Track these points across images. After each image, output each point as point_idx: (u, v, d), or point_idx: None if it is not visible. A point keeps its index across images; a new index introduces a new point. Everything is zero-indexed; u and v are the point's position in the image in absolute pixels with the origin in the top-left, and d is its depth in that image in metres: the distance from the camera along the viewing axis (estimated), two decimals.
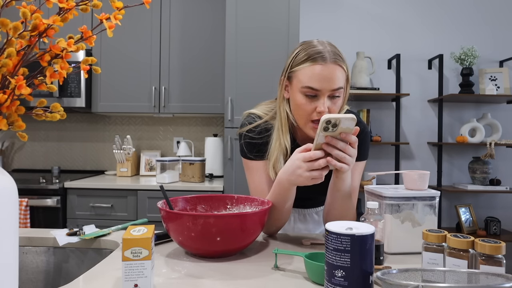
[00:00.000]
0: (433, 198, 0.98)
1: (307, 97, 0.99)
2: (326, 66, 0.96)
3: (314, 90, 0.97)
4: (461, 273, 0.68)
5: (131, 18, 2.61)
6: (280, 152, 1.07)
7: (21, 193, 2.26)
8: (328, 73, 0.96)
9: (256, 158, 1.13)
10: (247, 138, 1.13)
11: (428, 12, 2.89)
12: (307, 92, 0.98)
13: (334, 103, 0.99)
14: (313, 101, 0.98)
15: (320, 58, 0.96)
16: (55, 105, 0.66)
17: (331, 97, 0.98)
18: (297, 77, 1.00)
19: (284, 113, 1.07)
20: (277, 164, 1.07)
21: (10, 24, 0.56)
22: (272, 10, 2.28)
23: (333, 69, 0.96)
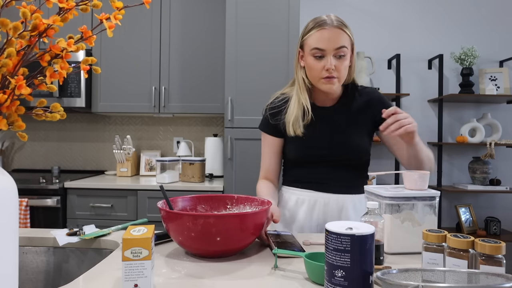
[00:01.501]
0: (433, 198, 0.98)
1: (316, 58, 1.15)
2: (329, 30, 1.13)
3: (320, 51, 1.14)
4: (461, 273, 0.68)
5: (131, 18, 2.61)
6: (300, 110, 1.22)
7: (21, 193, 2.26)
8: (331, 34, 1.13)
9: (270, 132, 1.30)
10: (268, 111, 1.30)
11: (428, 12, 2.89)
12: (315, 53, 1.15)
13: (341, 63, 1.15)
14: (321, 61, 1.15)
15: (324, 23, 1.14)
16: (55, 105, 0.66)
17: (337, 56, 1.14)
18: (307, 43, 1.17)
19: (301, 78, 1.23)
20: (296, 123, 1.22)
21: (10, 24, 0.56)
22: (272, 9, 2.28)
23: (336, 32, 1.13)
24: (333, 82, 1.16)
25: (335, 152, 1.22)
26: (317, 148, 1.23)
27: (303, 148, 1.24)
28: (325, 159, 1.23)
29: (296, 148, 1.26)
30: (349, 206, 1.24)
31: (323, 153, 1.22)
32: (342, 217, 1.24)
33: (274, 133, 1.30)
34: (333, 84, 1.17)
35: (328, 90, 1.19)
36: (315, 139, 1.24)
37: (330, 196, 1.24)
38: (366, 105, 1.25)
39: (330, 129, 1.24)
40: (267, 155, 1.32)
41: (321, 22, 1.14)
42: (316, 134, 1.24)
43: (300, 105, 1.22)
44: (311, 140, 1.24)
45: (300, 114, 1.22)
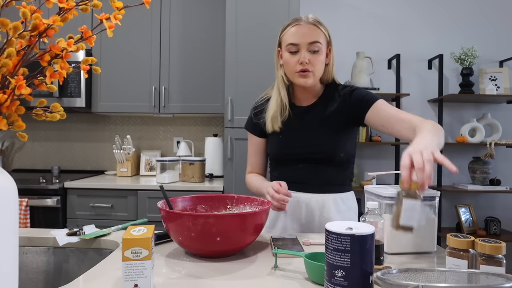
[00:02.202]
0: (433, 198, 0.98)
1: (291, 53, 1.20)
2: (303, 25, 1.19)
3: (295, 45, 1.18)
4: (461, 273, 0.68)
5: (131, 18, 2.61)
6: (278, 106, 1.26)
7: (21, 193, 2.26)
8: (305, 30, 1.18)
9: (253, 132, 1.35)
10: (252, 111, 1.36)
11: (428, 12, 2.89)
12: (290, 48, 1.19)
13: (315, 57, 1.18)
14: (296, 55, 1.19)
15: (299, 20, 1.20)
16: (55, 105, 0.66)
17: (311, 51, 1.18)
18: (284, 40, 1.22)
19: (280, 77, 1.27)
20: (274, 119, 1.26)
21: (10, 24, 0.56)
22: (272, 9, 2.28)
23: (310, 27, 1.18)
24: (307, 76, 1.19)
25: (311, 149, 1.24)
26: (294, 146, 1.25)
27: (281, 146, 1.28)
28: (303, 157, 1.24)
29: (274, 146, 1.30)
30: (331, 205, 1.25)
31: (300, 151, 1.24)
32: (323, 217, 1.24)
33: (257, 133, 1.35)
34: (307, 78, 1.20)
35: (303, 84, 1.21)
36: (292, 137, 1.26)
37: (311, 196, 1.25)
38: (344, 102, 1.25)
39: (307, 127, 1.26)
40: (252, 153, 1.38)
41: (297, 19, 1.21)
42: (293, 132, 1.26)
43: (279, 102, 1.26)
44: (289, 138, 1.26)
45: (278, 110, 1.26)
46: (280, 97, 1.26)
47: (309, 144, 1.24)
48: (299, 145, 1.25)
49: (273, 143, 1.31)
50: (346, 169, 1.29)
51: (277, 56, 1.28)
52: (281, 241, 1.04)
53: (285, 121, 1.27)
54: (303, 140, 1.24)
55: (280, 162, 1.30)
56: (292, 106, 1.29)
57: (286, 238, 1.08)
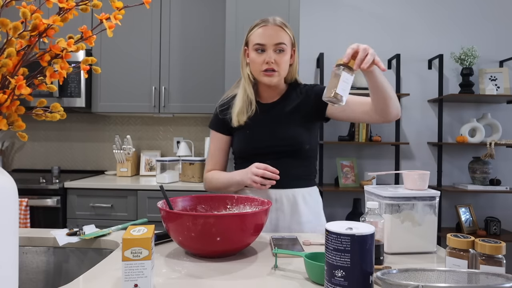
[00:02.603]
0: (433, 198, 0.98)
1: (258, 52, 1.25)
2: (270, 27, 1.24)
3: (261, 45, 1.24)
4: (461, 273, 0.68)
5: (131, 18, 2.61)
6: (244, 102, 1.30)
7: (21, 193, 2.26)
8: (271, 31, 1.24)
9: (218, 130, 1.37)
10: (218, 108, 1.38)
11: (428, 12, 2.88)
12: (257, 48, 1.25)
13: (280, 57, 1.24)
14: (262, 55, 1.24)
15: (265, 22, 1.25)
16: (55, 105, 0.66)
17: (277, 51, 1.24)
18: (251, 40, 1.27)
19: (246, 75, 1.31)
20: (241, 114, 1.29)
21: (10, 24, 0.56)
22: (272, 10, 2.27)
23: (276, 29, 1.24)
24: (273, 75, 1.25)
25: (277, 143, 1.28)
26: (259, 141, 1.29)
27: (248, 141, 1.31)
28: (269, 151, 1.27)
29: (241, 142, 1.32)
30: (300, 200, 1.28)
31: (266, 145, 1.28)
32: (294, 212, 1.27)
33: (222, 130, 1.36)
34: (272, 77, 1.26)
35: (268, 83, 1.27)
36: (258, 132, 1.30)
37: (281, 191, 1.27)
38: (306, 97, 1.32)
39: (272, 122, 1.30)
40: (216, 151, 1.38)
41: (261, 21, 1.26)
42: (259, 127, 1.30)
43: (245, 99, 1.30)
44: (255, 133, 1.30)
45: (245, 106, 1.30)
46: (246, 94, 1.30)
47: (275, 138, 1.28)
48: (265, 139, 1.29)
49: (239, 139, 1.33)
50: (311, 163, 1.35)
51: (243, 55, 1.33)
52: (281, 241, 1.04)
53: (251, 117, 1.30)
54: (269, 134, 1.28)
55: (246, 157, 1.31)
56: (257, 104, 1.33)
57: (286, 238, 1.08)
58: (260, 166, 1.18)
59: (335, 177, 2.81)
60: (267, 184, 1.17)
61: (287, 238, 1.07)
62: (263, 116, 1.31)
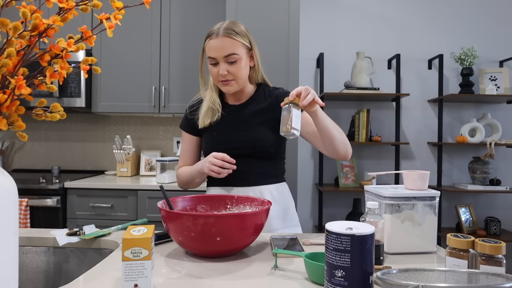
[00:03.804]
0: (433, 198, 0.98)
1: (212, 65, 1.27)
2: (217, 39, 1.22)
3: (212, 59, 1.25)
4: (461, 273, 0.68)
5: (131, 18, 2.61)
6: (209, 108, 1.32)
7: (21, 193, 2.26)
8: (219, 44, 1.22)
9: (188, 131, 1.39)
10: (187, 110, 1.40)
11: (428, 12, 2.89)
12: (210, 61, 1.26)
13: (234, 67, 1.24)
14: (216, 67, 1.26)
15: (212, 34, 1.24)
16: (55, 105, 0.66)
17: (228, 62, 1.23)
18: (206, 51, 1.28)
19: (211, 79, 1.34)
20: (205, 116, 1.32)
21: (10, 24, 0.56)
22: (272, 10, 2.27)
23: (223, 40, 1.22)
24: (230, 84, 1.27)
25: (243, 145, 1.29)
26: (226, 142, 1.30)
27: (214, 142, 1.32)
28: (235, 153, 1.26)
29: (208, 143, 1.34)
30: (267, 196, 1.30)
31: (232, 146, 1.28)
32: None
33: (191, 131, 1.38)
34: (230, 86, 1.27)
35: (227, 92, 1.30)
36: (224, 134, 1.31)
37: (248, 189, 1.30)
38: (275, 100, 1.32)
39: (238, 124, 1.31)
40: (186, 152, 1.40)
41: (211, 32, 1.25)
42: (225, 129, 1.32)
43: (210, 103, 1.32)
44: (221, 135, 1.31)
45: (210, 110, 1.32)
46: (211, 100, 1.32)
47: (241, 140, 1.29)
48: (231, 141, 1.29)
49: (206, 140, 1.35)
50: (278, 163, 1.37)
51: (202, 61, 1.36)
52: (281, 241, 1.04)
53: (218, 119, 1.32)
54: (235, 136, 1.30)
55: None
56: (225, 105, 1.35)
57: (286, 238, 1.08)
58: (218, 156, 1.20)
59: (335, 177, 2.81)
60: (224, 173, 1.19)
61: (287, 238, 1.07)
62: (230, 117, 1.33)
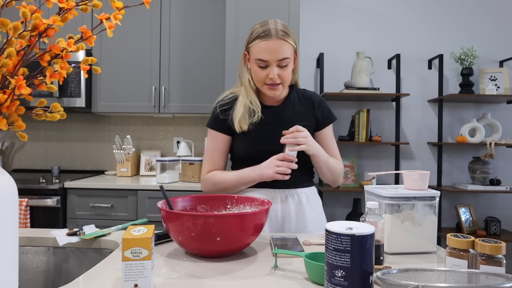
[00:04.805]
0: (433, 198, 0.98)
1: (260, 67, 1.21)
2: (271, 41, 1.18)
3: (264, 61, 1.20)
4: (461, 273, 0.68)
5: (131, 18, 2.61)
6: (246, 110, 1.27)
7: (21, 193, 2.26)
8: (274, 46, 1.18)
9: (219, 129, 1.33)
10: (218, 108, 1.33)
11: (428, 12, 2.89)
12: (259, 63, 1.21)
13: (284, 70, 1.21)
14: (265, 70, 1.21)
15: (266, 35, 1.18)
16: (55, 105, 0.66)
17: (279, 66, 1.20)
18: (252, 51, 1.22)
19: (247, 80, 1.29)
20: (242, 120, 1.27)
21: (10, 24, 0.56)
22: (272, 10, 2.27)
23: (279, 43, 1.18)
24: (277, 89, 1.24)
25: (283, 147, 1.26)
26: (266, 144, 1.27)
27: (252, 144, 1.28)
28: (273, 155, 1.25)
29: (244, 145, 1.30)
30: (304, 199, 1.30)
31: (272, 149, 1.26)
32: (299, 211, 1.28)
33: (223, 130, 1.32)
34: (277, 91, 1.25)
35: (272, 96, 1.27)
36: (264, 136, 1.28)
37: (287, 191, 1.29)
38: (312, 106, 1.34)
39: (278, 127, 1.28)
40: (216, 152, 1.34)
41: (263, 33, 1.19)
42: (264, 131, 1.28)
43: (247, 107, 1.28)
44: (260, 137, 1.28)
45: (247, 112, 1.28)
46: (249, 101, 1.28)
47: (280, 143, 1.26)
48: (270, 143, 1.26)
49: (242, 142, 1.30)
50: (310, 165, 1.34)
51: (244, 59, 1.30)
52: (281, 241, 1.04)
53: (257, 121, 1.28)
54: (274, 139, 1.25)
55: (249, 160, 1.29)
56: (262, 106, 1.31)
57: (286, 238, 1.08)
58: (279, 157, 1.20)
59: None
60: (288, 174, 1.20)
61: (287, 238, 1.07)
62: (267, 119, 1.30)
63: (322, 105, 1.35)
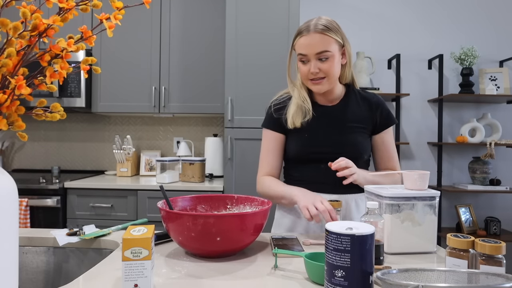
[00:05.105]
0: (433, 198, 0.98)
1: (302, 62, 1.22)
2: (309, 36, 1.18)
3: (303, 56, 1.20)
4: (461, 273, 0.68)
5: (131, 18, 2.61)
6: (299, 108, 1.27)
7: (21, 193, 2.26)
8: (311, 40, 1.18)
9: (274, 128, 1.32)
10: (272, 107, 1.33)
11: (428, 12, 2.89)
12: (301, 58, 1.22)
13: (326, 64, 1.19)
14: (306, 65, 1.21)
15: (304, 30, 1.19)
16: (55, 105, 0.66)
17: (320, 59, 1.19)
18: (296, 49, 1.24)
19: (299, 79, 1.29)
20: (296, 116, 1.26)
21: (10, 24, 0.56)
22: (272, 10, 2.27)
23: (316, 37, 1.17)
24: (320, 83, 1.21)
25: (336, 150, 1.22)
26: (318, 145, 1.24)
27: (305, 145, 1.26)
28: (326, 157, 1.20)
29: (297, 145, 1.27)
30: (352, 205, 1.24)
31: (324, 150, 1.23)
32: (346, 217, 1.24)
33: (277, 129, 1.31)
34: (321, 85, 1.22)
35: (317, 91, 1.25)
36: (316, 136, 1.25)
37: (334, 197, 1.23)
38: (369, 108, 1.29)
39: (332, 127, 1.25)
40: (271, 151, 1.32)
41: (301, 29, 1.21)
42: (317, 131, 1.25)
43: (300, 103, 1.27)
44: (313, 137, 1.25)
45: (300, 109, 1.27)
46: (301, 99, 1.27)
47: (335, 144, 1.24)
48: (324, 144, 1.23)
49: (295, 142, 1.28)
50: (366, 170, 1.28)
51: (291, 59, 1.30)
52: (281, 241, 1.04)
53: (309, 120, 1.26)
54: (327, 140, 1.23)
55: (301, 161, 1.27)
56: (316, 105, 1.29)
57: (286, 238, 1.08)
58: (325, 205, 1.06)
59: None
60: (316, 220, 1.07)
61: (287, 238, 1.07)
62: (322, 119, 1.26)
63: (381, 107, 1.29)
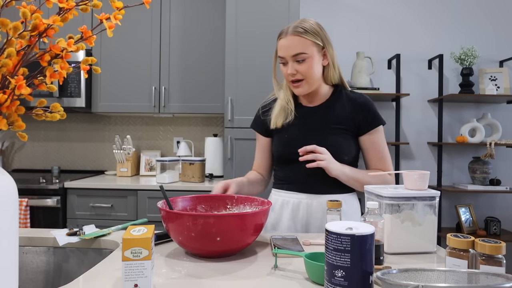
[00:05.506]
0: (433, 198, 0.98)
1: (282, 64, 1.24)
2: (286, 38, 1.20)
3: (281, 58, 1.23)
4: (461, 273, 0.68)
5: (131, 18, 2.61)
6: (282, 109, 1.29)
7: (21, 193, 2.26)
8: (287, 43, 1.20)
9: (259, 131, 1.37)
10: (260, 110, 1.38)
11: (428, 12, 2.88)
12: (280, 60, 1.24)
13: (303, 66, 1.20)
14: (286, 67, 1.23)
15: (283, 33, 1.22)
16: (55, 105, 0.66)
17: (297, 61, 1.20)
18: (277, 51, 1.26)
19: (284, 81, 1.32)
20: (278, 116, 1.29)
21: (10, 24, 0.56)
22: (272, 10, 2.28)
23: (292, 39, 1.19)
24: (300, 86, 1.23)
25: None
26: (297, 146, 1.22)
27: (285, 145, 1.28)
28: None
29: (279, 145, 1.30)
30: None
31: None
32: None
33: (263, 131, 1.36)
34: (301, 88, 1.23)
35: (298, 93, 1.26)
36: (296, 137, 1.26)
37: (313, 197, 1.25)
38: (353, 109, 1.26)
39: (313, 128, 1.26)
40: (258, 152, 1.39)
41: (283, 31, 1.23)
42: (298, 132, 1.27)
43: (283, 104, 1.30)
44: (292, 138, 1.27)
45: (283, 110, 1.29)
46: (285, 101, 1.29)
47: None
48: (302, 145, 1.22)
49: (277, 143, 1.31)
50: None
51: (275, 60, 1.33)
52: (281, 241, 1.04)
53: (291, 121, 1.28)
54: (306, 141, 1.22)
55: (283, 161, 1.30)
56: (299, 106, 1.30)
57: (286, 238, 1.08)
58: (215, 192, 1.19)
59: None
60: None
61: (287, 238, 1.07)
62: (303, 120, 1.27)
63: (366, 108, 1.26)
